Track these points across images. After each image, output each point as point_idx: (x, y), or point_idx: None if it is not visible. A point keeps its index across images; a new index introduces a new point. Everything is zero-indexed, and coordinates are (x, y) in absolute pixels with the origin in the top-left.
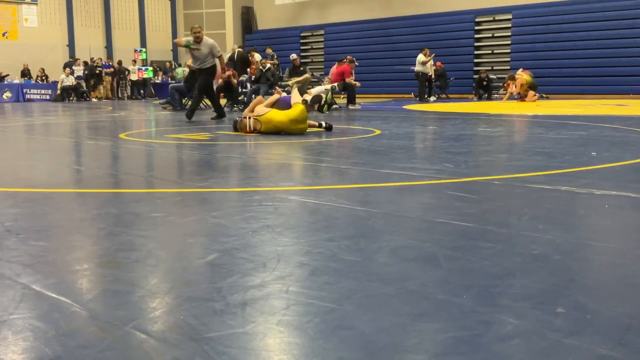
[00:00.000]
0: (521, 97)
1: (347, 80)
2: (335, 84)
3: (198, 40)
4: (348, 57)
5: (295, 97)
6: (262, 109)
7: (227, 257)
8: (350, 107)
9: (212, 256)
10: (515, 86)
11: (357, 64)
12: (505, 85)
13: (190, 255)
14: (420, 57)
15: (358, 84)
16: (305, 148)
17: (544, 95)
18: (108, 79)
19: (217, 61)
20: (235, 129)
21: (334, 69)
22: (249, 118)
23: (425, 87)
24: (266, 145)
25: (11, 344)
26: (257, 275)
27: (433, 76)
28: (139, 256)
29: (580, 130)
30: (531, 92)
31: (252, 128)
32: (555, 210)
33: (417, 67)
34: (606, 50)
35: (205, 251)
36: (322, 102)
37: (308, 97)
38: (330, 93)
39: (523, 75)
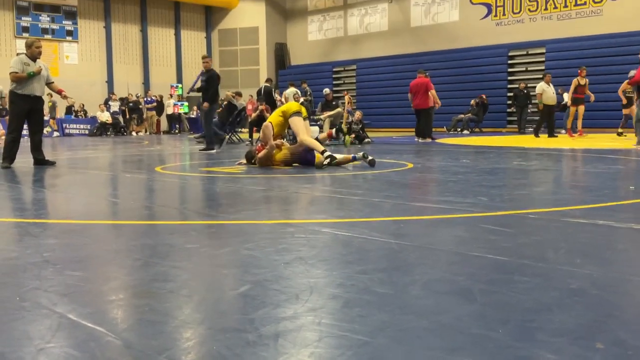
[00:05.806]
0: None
1: (431, 93)
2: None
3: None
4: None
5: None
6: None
7: (259, 289)
8: (420, 140)
9: (244, 287)
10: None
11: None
12: None
13: (223, 286)
14: (543, 86)
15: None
16: (337, 181)
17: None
18: (151, 113)
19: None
20: (249, 161)
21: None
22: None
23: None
24: (299, 178)
25: None
26: (290, 307)
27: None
28: (173, 287)
29: (617, 164)
30: None
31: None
32: (593, 244)
33: (546, 98)
34: None
35: (238, 282)
36: (339, 131)
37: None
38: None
39: None
